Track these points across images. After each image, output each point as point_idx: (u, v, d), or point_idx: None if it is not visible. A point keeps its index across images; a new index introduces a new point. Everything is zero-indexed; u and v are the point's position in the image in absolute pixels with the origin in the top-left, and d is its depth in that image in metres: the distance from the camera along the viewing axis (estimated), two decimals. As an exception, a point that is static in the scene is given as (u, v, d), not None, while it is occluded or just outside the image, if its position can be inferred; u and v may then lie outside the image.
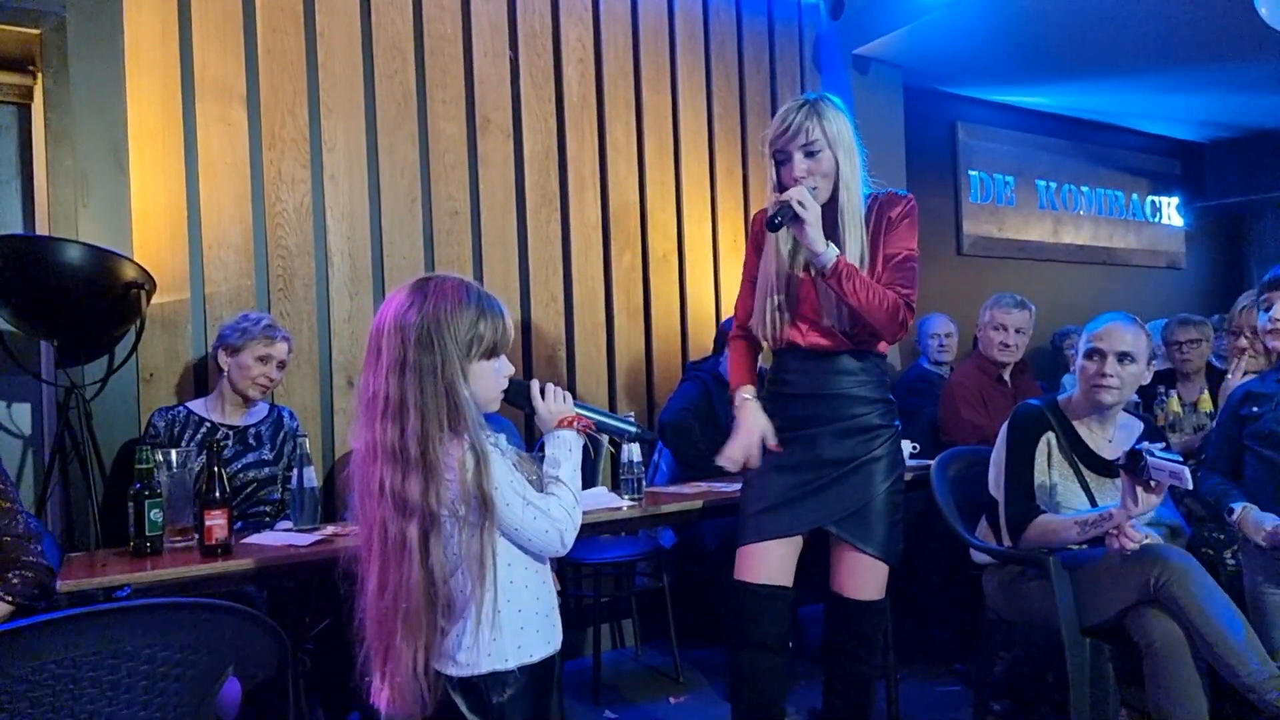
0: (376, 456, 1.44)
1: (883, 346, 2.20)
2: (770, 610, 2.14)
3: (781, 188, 2.08)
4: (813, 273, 2.10)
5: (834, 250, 2.02)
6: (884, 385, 2.21)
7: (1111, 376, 2.33)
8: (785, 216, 2.00)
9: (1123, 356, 2.33)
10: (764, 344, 2.27)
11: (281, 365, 2.69)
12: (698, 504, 2.57)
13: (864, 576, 2.15)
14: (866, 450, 2.14)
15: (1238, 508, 2.28)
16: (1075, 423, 2.44)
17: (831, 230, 2.08)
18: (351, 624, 1.50)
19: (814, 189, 2.04)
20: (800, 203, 1.98)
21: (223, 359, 2.64)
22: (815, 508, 2.13)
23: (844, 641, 2.19)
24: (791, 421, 2.18)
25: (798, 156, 2.05)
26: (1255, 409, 2.34)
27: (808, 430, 2.15)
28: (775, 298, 2.16)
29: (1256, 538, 2.21)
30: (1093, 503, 2.35)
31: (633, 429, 1.78)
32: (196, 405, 2.68)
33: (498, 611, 1.47)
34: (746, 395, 2.24)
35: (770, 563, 2.14)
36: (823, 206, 2.06)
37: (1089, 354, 2.38)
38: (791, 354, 2.20)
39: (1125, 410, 2.51)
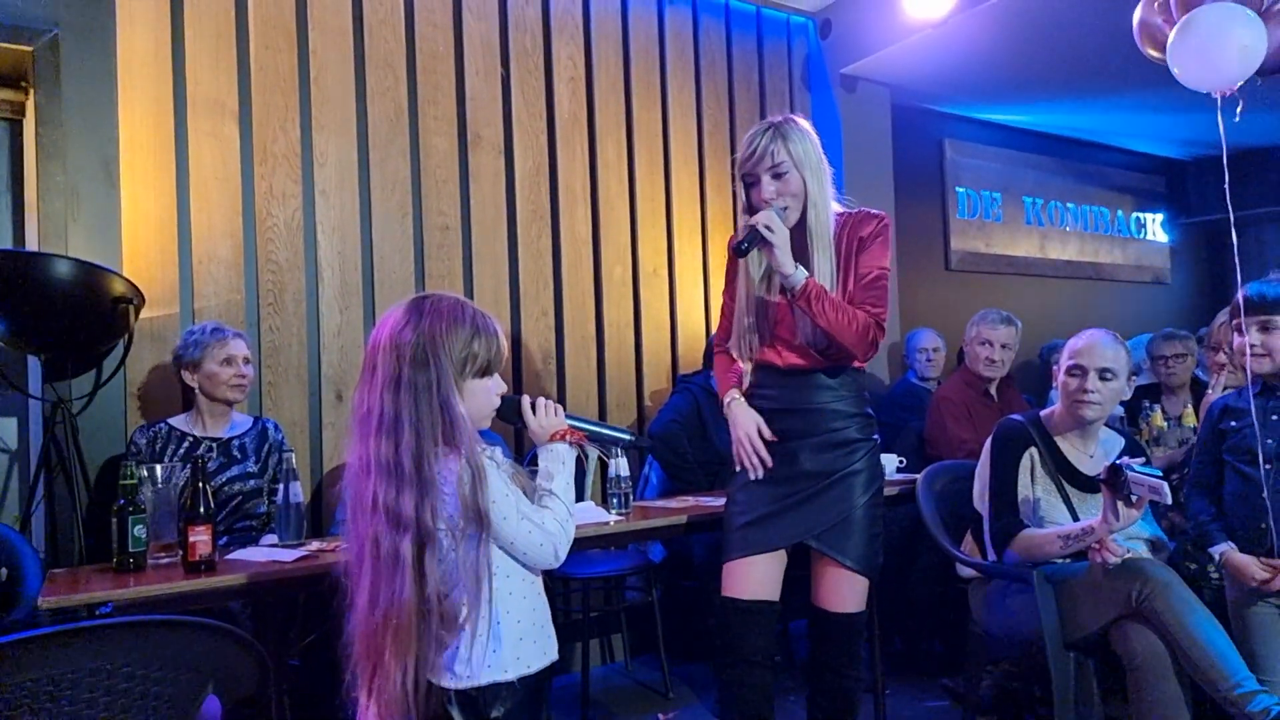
0: (370, 471, 1.44)
1: (859, 361, 2.21)
2: (757, 625, 2.15)
3: (751, 210, 2.12)
4: (787, 295, 2.12)
5: (803, 272, 2.05)
6: (862, 399, 2.24)
7: (1093, 392, 2.36)
8: (752, 241, 2.03)
9: (1104, 373, 2.37)
10: (743, 364, 2.30)
11: (247, 361, 2.69)
12: (683, 519, 2.57)
13: (843, 590, 2.16)
14: (846, 464, 2.15)
15: (1218, 552, 2.31)
16: (1057, 438, 2.47)
17: (801, 250, 2.10)
18: (339, 639, 1.49)
19: (783, 209, 2.07)
20: (768, 226, 2.01)
21: (188, 378, 2.64)
22: (796, 522, 2.15)
23: (826, 655, 2.20)
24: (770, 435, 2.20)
25: (765, 179, 2.09)
26: (1233, 423, 2.37)
27: (787, 444, 2.17)
28: (749, 319, 2.20)
29: (1250, 584, 2.22)
30: (1075, 517, 2.37)
31: (627, 437, 1.78)
32: (177, 421, 2.68)
33: (496, 623, 1.48)
34: (734, 397, 2.27)
35: (756, 577, 2.16)
36: (793, 227, 2.09)
37: (1070, 370, 2.41)
38: (768, 371, 2.23)
39: (1109, 424, 2.54)
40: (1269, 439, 2.26)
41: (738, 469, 2.25)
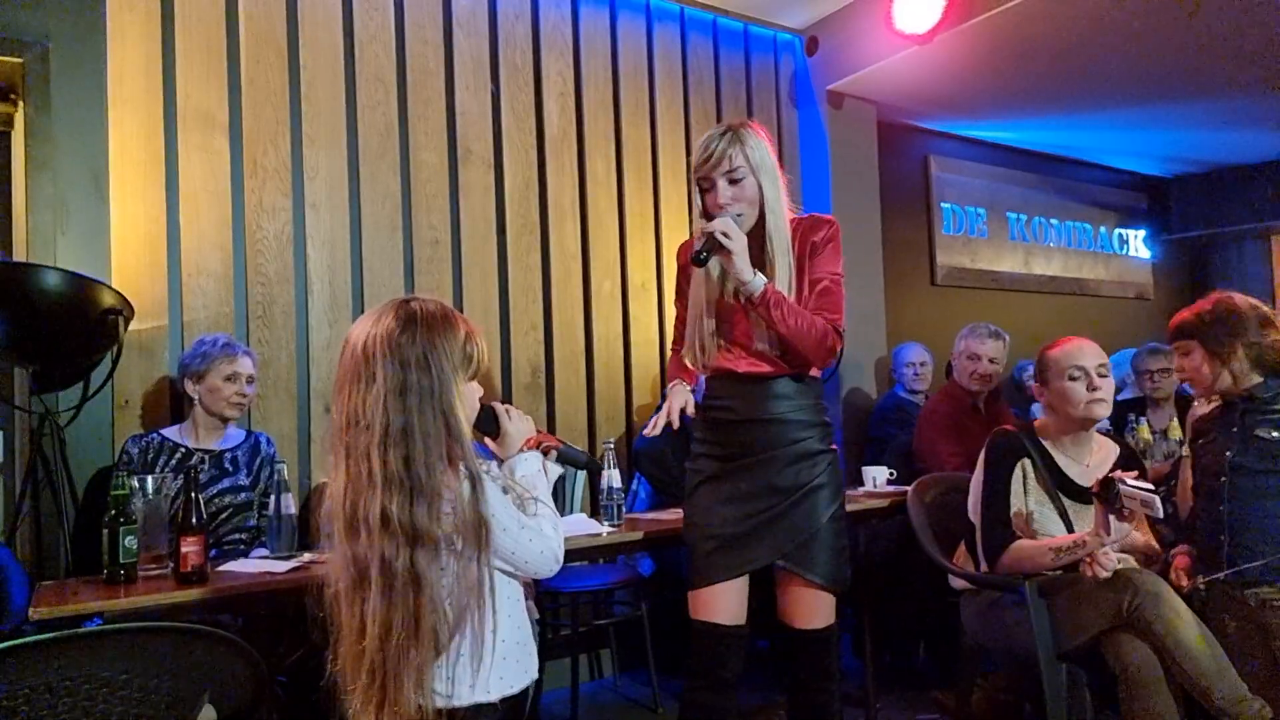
0: (375, 486, 1.37)
1: (815, 369, 2.17)
2: (734, 648, 2.09)
3: (707, 215, 2.08)
4: (742, 299, 2.08)
5: (761, 279, 2.01)
6: (820, 408, 2.18)
7: (1099, 389, 2.38)
8: (710, 250, 1.99)
9: (1100, 369, 2.40)
10: (699, 370, 2.23)
11: (251, 380, 2.68)
12: (675, 529, 2.57)
13: (812, 606, 2.10)
14: (810, 477, 2.09)
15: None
16: (1051, 449, 2.48)
17: (759, 256, 2.07)
18: (325, 656, 1.43)
19: (739, 215, 2.03)
20: (724, 233, 1.97)
21: (190, 388, 2.63)
22: (763, 542, 2.08)
23: (801, 673, 2.14)
24: (731, 449, 2.12)
25: (721, 184, 2.03)
26: (1201, 441, 2.41)
27: (749, 458, 2.10)
28: (706, 324, 2.14)
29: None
30: (1070, 528, 2.37)
31: (583, 457, 1.80)
32: (170, 432, 2.66)
33: (482, 643, 1.44)
34: (680, 382, 2.21)
35: (728, 602, 2.09)
36: (749, 233, 2.06)
37: (1071, 376, 2.39)
38: (726, 379, 2.15)
39: (1100, 433, 2.55)
40: (1227, 451, 2.29)
41: (687, 472, 2.19)
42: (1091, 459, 2.48)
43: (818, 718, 2.15)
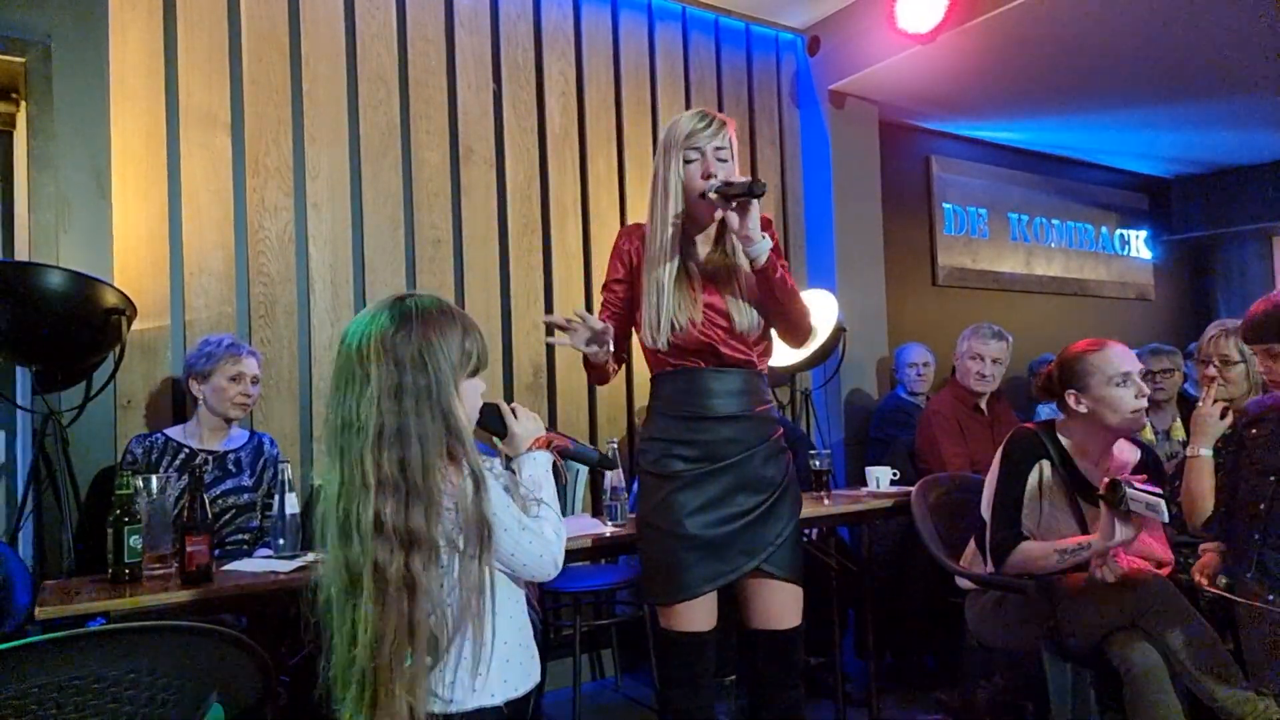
0: (368, 489, 1.34)
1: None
2: (710, 650, 2.08)
3: (687, 186, 2.00)
4: (746, 261, 2.00)
5: (769, 240, 1.96)
6: (773, 404, 2.18)
7: (1144, 397, 2.32)
8: (761, 187, 1.90)
9: (1143, 374, 2.37)
10: (656, 347, 2.07)
11: (255, 381, 2.67)
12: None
13: (787, 605, 2.07)
14: (782, 475, 2.08)
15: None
16: (1072, 451, 2.41)
17: (723, 240, 2.06)
18: (320, 662, 1.41)
19: None
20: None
21: (195, 388, 2.62)
22: (744, 548, 2.02)
23: (775, 673, 2.11)
24: (705, 449, 2.04)
25: (712, 159, 1.98)
26: (1254, 431, 2.30)
27: (727, 459, 2.03)
28: (677, 296, 2.03)
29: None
30: (1084, 532, 2.33)
31: (594, 455, 1.78)
32: (174, 432, 2.66)
33: (484, 645, 1.41)
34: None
35: (706, 609, 2.06)
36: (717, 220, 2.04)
37: (1117, 383, 2.30)
38: (691, 375, 2.06)
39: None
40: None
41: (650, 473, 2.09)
42: (1112, 463, 2.41)
43: (790, 714, 2.13)
